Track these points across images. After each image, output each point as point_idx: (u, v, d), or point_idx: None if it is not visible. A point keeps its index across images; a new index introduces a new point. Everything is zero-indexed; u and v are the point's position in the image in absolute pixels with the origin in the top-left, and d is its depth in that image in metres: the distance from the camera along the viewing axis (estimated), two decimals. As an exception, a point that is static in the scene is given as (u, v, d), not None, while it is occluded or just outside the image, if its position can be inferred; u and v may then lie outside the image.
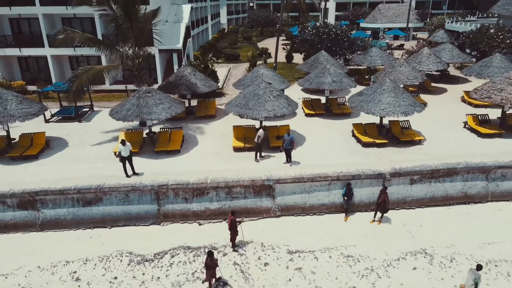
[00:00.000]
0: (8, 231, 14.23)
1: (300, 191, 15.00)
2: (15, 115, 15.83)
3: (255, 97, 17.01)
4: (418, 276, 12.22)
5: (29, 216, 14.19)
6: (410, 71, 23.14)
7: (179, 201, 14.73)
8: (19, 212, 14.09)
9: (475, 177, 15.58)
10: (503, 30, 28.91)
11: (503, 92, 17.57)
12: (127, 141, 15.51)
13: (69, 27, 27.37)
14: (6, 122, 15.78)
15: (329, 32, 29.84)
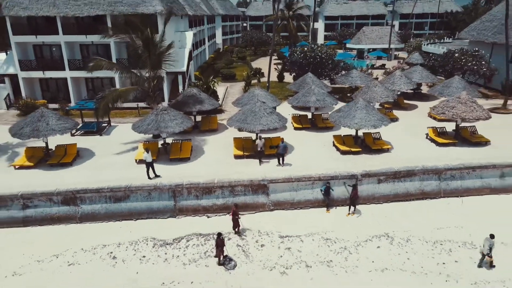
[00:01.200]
0: (53, 223, 17.50)
1: (289, 189, 18.57)
2: (56, 129, 19.28)
3: (252, 114, 20.68)
4: (380, 252, 15.73)
5: (70, 211, 17.50)
6: (383, 90, 27.12)
7: (191, 198, 18.17)
8: (62, 207, 17.41)
9: (430, 178, 19.31)
10: (466, 54, 33.29)
11: (454, 109, 21.49)
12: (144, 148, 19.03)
13: (86, 52, 31.28)
14: (48, 135, 19.20)
15: (315, 56, 33.97)
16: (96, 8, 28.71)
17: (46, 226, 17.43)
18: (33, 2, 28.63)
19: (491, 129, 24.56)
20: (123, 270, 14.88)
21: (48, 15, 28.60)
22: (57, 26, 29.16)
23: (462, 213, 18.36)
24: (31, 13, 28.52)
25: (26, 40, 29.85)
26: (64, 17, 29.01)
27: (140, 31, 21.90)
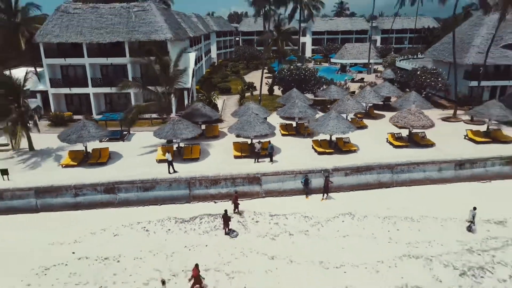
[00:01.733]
0: (97, 207, 22.75)
1: (277, 180, 24.11)
2: (95, 136, 24.62)
3: (248, 123, 26.26)
4: (344, 225, 21.29)
5: (110, 198, 22.79)
6: (354, 103, 32.99)
7: (202, 188, 23.59)
8: (105, 195, 22.69)
9: (384, 171, 25.02)
10: (426, 72, 39.48)
11: (405, 119, 27.38)
12: (165, 152, 24.46)
13: (106, 72, 36.72)
14: (89, 141, 24.52)
15: (300, 74, 39.87)
16: (116, 35, 34.25)
17: (92, 210, 22.70)
18: (63, 31, 34.07)
19: (439, 134, 30.58)
20: (155, 238, 20.22)
21: (75, 41, 34.05)
22: (83, 50, 34.59)
23: (408, 198, 24.08)
24: (61, 40, 33.94)
25: (56, 62, 35.18)
26: (89, 43, 34.47)
27: (159, 58, 27.48)
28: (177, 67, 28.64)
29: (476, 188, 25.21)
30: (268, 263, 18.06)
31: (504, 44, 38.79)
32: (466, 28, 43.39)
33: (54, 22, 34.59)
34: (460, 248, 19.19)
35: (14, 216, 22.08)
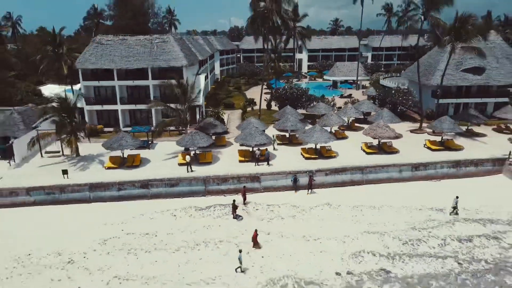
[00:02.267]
0: (135, 199, 29.55)
1: (272, 179, 30.94)
2: (132, 145, 31.54)
3: (250, 135, 33.17)
4: (323, 212, 28.04)
5: (145, 192, 29.60)
6: (336, 118, 40.00)
7: (215, 184, 30.40)
8: (141, 190, 29.52)
9: (356, 172, 31.86)
10: (398, 92, 46.56)
11: (375, 131, 34.37)
12: (184, 157, 31.35)
13: (131, 92, 43.82)
14: (127, 148, 31.43)
15: (293, 93, 47.02)
16: (141, 62, 41.46)
17: (131, 201, 29.51)
18: (98, 59, 41.31)
19: (405, 143, 37.58)
20: (181, 221, 26.98)
21: (108, 68, 41.24)
22: (113, 74, 41.76)
23: (374, 193, 30.91)
24: (96, 66, 41.15)
25: (91, 84, 42.32)
26: (118, 69, 41.64)
27: (179, 82, 34.58)
28: (192, 89, 35.72)
29: (428, 185, 32.11)
30: (265, 237, 24.75)
31: (463, 69, 46.00)
32: (434, 53, 50.70)
33: (90, 51, 41.89)
34: (407, 227, 25.99)
35: (73, 205, 28.91)
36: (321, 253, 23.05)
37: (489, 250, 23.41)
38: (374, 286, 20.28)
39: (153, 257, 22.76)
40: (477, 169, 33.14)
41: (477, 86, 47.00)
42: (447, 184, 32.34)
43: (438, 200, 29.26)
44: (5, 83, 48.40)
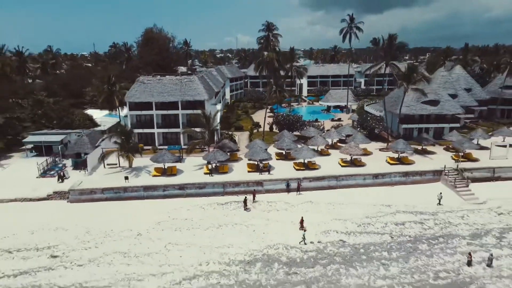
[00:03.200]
0: (175, 197, 41.55)
1: (272, 184, 42.83)
2: (172, 160, 43.75)
3: (255, 152, 45.20)
4: (306, 207, 39.70)
5: (182, 192, 41.64)
6: (322, 139, 51.97)
7: (230, 187, 42.33)
8: (179, 191, 41.58)
9: (332, 179, 43.60)
10: (372, 118, 58.52)
11: (347, 150, 46.28)
12: (208, 167, 43.48)
13: (165, 119, 56.38)
14: (169, 162, 43.63)
15: (289, 119, 59.26)
16: (173, 97, 54.16)
17: (172, 198, 41.54)
18: (141, 94, 54.10)
19: (372, 159, 49.32)
20: (207, 212, 38.86)
21: (148, 101, 53.97)
22: (152, 106, 54.44)
23: (344, 195, 42.57)
24: (140, 100, 53.90)
25: (135, 113, 55.02)
26: (156, 102, 54.34)
27: (204, 113, 47.01)
28: (214, 118, 48.15)
29: (384, 190, 43.71)
30: (265, 222, 36.48)
31: (422, 101, 57.95)
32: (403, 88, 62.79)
33: (136, 88, 54.76)
34: (363, 216, 37.53)
35: (133, 201, 41.01)
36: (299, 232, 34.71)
37: (414, 230, 34.95)
38: (334, 249, 31.87)
39: (191, 232, 34.61)
40: (421, 178, 44.79)
41: (435, 114, 58.84)
42: (398, 189, 43.95)
43: (388, 199, 40.86)
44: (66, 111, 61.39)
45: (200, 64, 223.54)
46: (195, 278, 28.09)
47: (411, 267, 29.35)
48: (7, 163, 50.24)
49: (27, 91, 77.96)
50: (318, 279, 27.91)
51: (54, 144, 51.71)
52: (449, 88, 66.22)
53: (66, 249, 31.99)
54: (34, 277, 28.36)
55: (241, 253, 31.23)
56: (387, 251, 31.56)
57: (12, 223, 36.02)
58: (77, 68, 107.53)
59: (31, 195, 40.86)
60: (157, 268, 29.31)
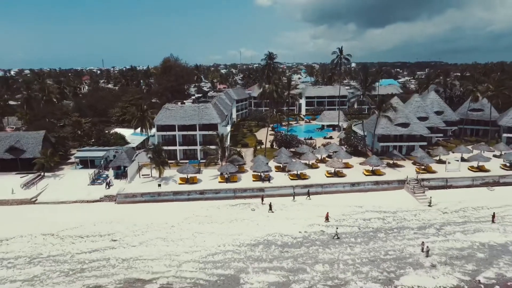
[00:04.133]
0: (196, 200, 53.37)
1: (271, 190, 54.60)
2: (192, 171, 55.73)
3: (259, 165, 57.07)
4: (297, 207, 51.51)
5: (202, 196, 53.48)
6: (312, 155, 63.88)
7: (239, 193, 54.12)
8: (199, 195, 53.44)
9: (318, 187, 55.26)
10: (356, 138, 70.38)
11: (332, 164, 58.08)
12: (224, 177, 55.43)
13: (185, 138, 68.72)
14: (189, 173, 55.61)
15: (286, 138, 71.29)
16: (193, 121, 66.53)
17: (195, 201, 53.38)
18: (167, 118, 66.53)
19: (353, 171, 61.08)
20: (222, 211, 50.62)
21: (172, 124, 66.38)
22: (175, 128, 66.82)
23: (328, 199, 54.20)
24: (165, 123, 66.28)
25: (162, 133, 67.36)
26: (178, 124, 66.74)
27: (218, 134, 59.19)
28: (226, 138, 60.33)
29: (358, 195, 55.25)
30: (266, 218, 48.21)
31: (396, 123, 69.80)
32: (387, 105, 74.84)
33: (162, 114, 67.23)
34: (340, 214, 49.01)
35: (164, 203, 52.89)
36: (294, 224, 46.33)
37: (376, 223, 46.49)
38: (316, 236, 43.45)
39: (211, 225, 46.35)
40: (389, 186, 56.40)
41: (406, 135, 70.66)
42: (370, 194, 55.50)
43: (361, 202, 52.40)
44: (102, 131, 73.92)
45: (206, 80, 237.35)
46: (216, 254, 39.76)
47: (369, 248, 40.87)
48: (62, 173, 62.47)
49: (63, 112, 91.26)
50: (302, 255, 39.48)
51: (97, 159, 63.94)
52: (421, 112, 78.11)
53: (121, 235, 43.85)
54: (103, 253, 40.17)
55: (248, 239, 42.90)
56: (354, 237, 43.12)
57: (78, 218, 48.00)
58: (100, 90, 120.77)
59: (87, 198, 52.92)
60: (188, 248, 41.03)
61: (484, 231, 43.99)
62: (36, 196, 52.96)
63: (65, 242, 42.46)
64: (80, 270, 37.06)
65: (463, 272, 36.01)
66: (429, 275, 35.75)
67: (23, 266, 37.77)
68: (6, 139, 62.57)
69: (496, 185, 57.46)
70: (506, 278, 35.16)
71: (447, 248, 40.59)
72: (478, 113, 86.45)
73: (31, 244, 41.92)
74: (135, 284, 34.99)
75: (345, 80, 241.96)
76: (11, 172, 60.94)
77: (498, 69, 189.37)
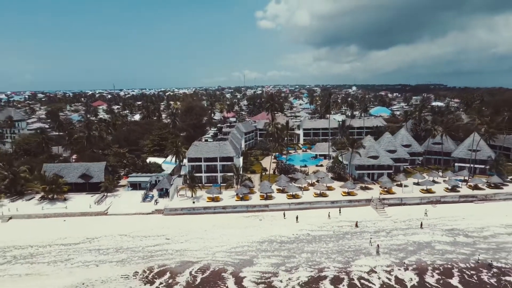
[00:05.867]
0: (220, 213, 73.38)
1: (273, 207, 74.63)
2: (217, 192, 76.04)
3: (264, 188, 77.23)
4: (292, 219, 71.44)
5: (223, 210, 73.47)
6: (304, 180, 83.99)
7: (251, 208, 74.11)
8: (222, 209, 73.50)
9: (307, 204, 75.17)
10: (339, 167, 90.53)
11: (318, 186, 78.15)
12: (239, 196, 75.60)
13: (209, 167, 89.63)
14: (214, 194, 75.87)
15: (285, 167, 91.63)
16: (214, 154, 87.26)
17: (220, 214, 73.37)
18: (196, 152, 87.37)
19: (334, 193, 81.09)
20: (238, 221, 70.49)
21: (199, 157, 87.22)
22: (201, 159, 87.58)
23: (314, 212, 73.99)
24: (194, 156, 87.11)
25: (191, 163, 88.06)
26: (203, 157, 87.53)
27: (234, 165, 79.71)
28: (240, 168, 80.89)
29: (336, 210, 74.85)
30: (270, 225, 68.02)
31: (368, 156, 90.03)
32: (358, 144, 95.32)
33: (192, 149, 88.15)
34: (322, 223, 68.85)
35: (197, 215, 72.97)
36: (288, 229, 66.15)
37: (346, 229, 66.11)
38: (303, 237, 63.17)
39: (232, 230, 66.15)
40: (359, 203, 76.08)
41: (377, 165, 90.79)
42: (345, 209, 75.14)
43: (337, 215, 72.17)
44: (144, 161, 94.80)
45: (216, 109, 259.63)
46: (236, 247, 59.47)
47: (339, 244, 60.40)
48: (119, 193, 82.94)
49: (105, 144, 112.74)
50: (293, 248, 59.10)
51: (143, 183, 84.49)
52: (391, 146, 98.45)
53: (171, 236, 63.85)
54: (162, 246, 60.10)
55: (257, 238, 62.62)
56: (330, 238, 62.77)
57: (139, 225, 68.13)
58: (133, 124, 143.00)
59: (142, 211, 73.17)
60: (218, 243, 60.83)
61: (419, 234, 63.44)
62: (107, 209, 73.31)
63: (135, 239, 62.51)
64: (150, 256, 56.95)
65: (395, 257, 55.46)
66: (374, 259, 55.18)
67: (113, 254, 57.74)
68: (79, 168, 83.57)
69: (438, 203, 77.04)
70: (422, 261, 54.49)
71: (391, 244, 60.03)
72: (439, 146, 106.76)
73: (114, 240, 62.02)
74: (187, 264, 54.71)
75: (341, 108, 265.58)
76: (82, 192, 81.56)
77: (487, 95, 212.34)
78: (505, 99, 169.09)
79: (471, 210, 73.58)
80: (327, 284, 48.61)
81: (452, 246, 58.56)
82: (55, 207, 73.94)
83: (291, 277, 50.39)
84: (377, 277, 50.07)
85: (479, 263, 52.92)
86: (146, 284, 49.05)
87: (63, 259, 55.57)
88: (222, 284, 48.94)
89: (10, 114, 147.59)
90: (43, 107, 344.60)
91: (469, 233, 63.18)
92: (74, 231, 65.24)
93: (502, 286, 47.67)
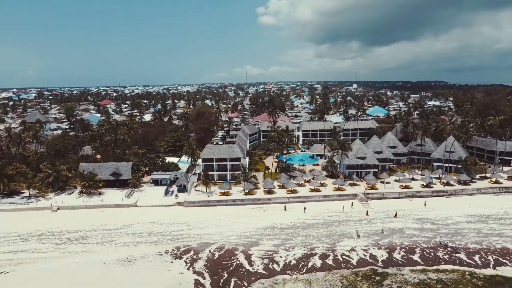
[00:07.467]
0: (231, 205, 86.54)
1: (275, 200, 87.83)
2: (227, 188, 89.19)
3: (267, 185, 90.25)
4: (293, 210, 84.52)
5: (233, 203, 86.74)
6: (302, 178, 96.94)
7: (256, 201, 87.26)
8: (232, 203, 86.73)
9: (304, 198, 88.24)
10: (332, 166, 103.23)
11: (312, 183, 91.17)
12: (246, 192, 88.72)
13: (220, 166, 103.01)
14: (226, 189, 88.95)
15: (285, 166, 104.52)
16: (224, 155, 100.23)
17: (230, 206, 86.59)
18: (208, 154, 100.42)
19: (327, 188, 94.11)
20: (246, 212, 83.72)
21: (211, 157, 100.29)
22: (213, 160, 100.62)
23: (309, 205, 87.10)
24: (207, 157, 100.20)
25: (204, 163, 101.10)
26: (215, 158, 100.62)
27: (242, 165, 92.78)
28: (247, 168, 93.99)
29: (328, 203, 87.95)
30: (272, 215, 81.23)
31: (357, 156, 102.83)
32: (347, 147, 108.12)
33: (205, 151, 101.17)
34: (315, 213, 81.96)
35: (212, 207, 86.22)
36: (287, 218, 79.33)
37: (335, 218, 79.12)
38: (299, 224, 76.35)
39: (241, 219, 79.25)
40: (347, 197, 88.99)
41: (364, 164, 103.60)
42: (335, 202, 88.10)
43: (329, 207, 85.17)
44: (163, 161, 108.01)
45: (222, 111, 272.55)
46: (245, 232, 72.66)
47: (328, 230, 73.48)
48: (143, 189, 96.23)
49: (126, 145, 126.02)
50: (291, 233, 72.21)
51: (164, 180, 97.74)
52: (378, 148, 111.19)
53: (192, 223, 77.16)
54: (185, 231, 73.43)
55: (262, 225, 75.79)
56: (321, 225, 75.90)
57: (164, 214, 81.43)
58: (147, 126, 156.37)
59: (165, 203, 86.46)
60: (230, 229, 74.01)
61: (394, 222, 76.42)
62: (136, 202, 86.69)
63: (163, 226, 75.85)
64: (176, 238, 70.26)
65: (372, 240, 68.50)
66: (355, 241, 68.25)
67: (147, 236, 71.13)
68: (109, 167, 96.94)
69: (414, 197, 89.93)
70: (393, 242, 67.51)
71: (370, 230, 73.06)
72: (421, 147, 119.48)
73: (145, 227, 75.41)
74: (206, 244, 67.95)
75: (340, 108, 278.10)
76: (113, 188, 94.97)
77: (483, 93, 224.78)
78: (486, 102, 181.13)
79: (441, 203, 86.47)
80: (316, 259, 61.70)
81: (419, 231, 71.56)
82: (93, 200, 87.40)
83: (288, 254, 63.49)
84: (355, 254, 63.14)
85: (438, 244, 65.93)
86: (176, 259, 62.26)
87: (107, 241, 68.97)
88: (235, 259, 62.07)
89: (37, 117, 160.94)
90: (53, 106, 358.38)
91: (435, 221, 76.14)
92: (111, 219, 78.67)
93: (452, 260, 60.65)
